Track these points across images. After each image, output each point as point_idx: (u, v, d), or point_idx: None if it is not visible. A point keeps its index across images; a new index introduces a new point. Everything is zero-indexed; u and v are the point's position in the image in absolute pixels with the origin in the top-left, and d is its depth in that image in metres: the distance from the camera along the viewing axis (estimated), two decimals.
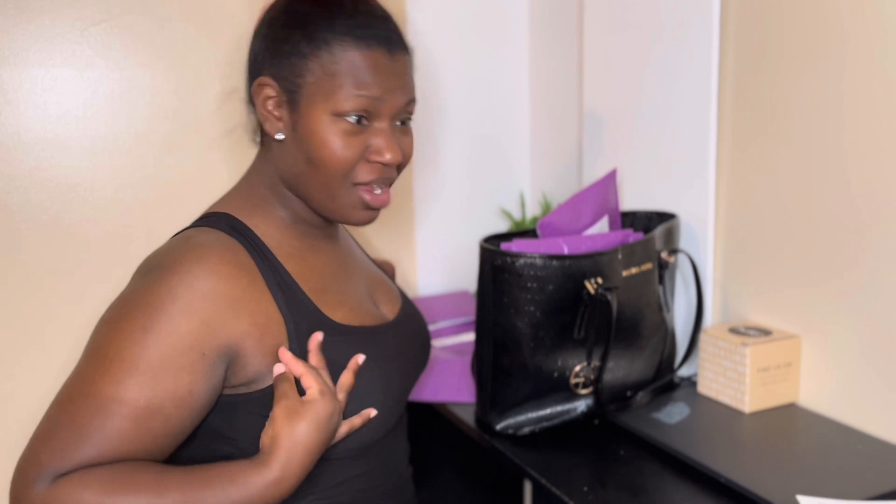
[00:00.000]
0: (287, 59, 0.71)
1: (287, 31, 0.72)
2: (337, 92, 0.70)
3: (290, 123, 0.72)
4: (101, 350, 0.65)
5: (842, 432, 0.90)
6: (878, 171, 0.86)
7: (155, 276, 0.68)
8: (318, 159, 0.71)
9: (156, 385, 0.63)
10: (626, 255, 0.94)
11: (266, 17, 0.75)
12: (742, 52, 1.02)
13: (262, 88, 0.73)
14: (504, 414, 0.93)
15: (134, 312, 0.65)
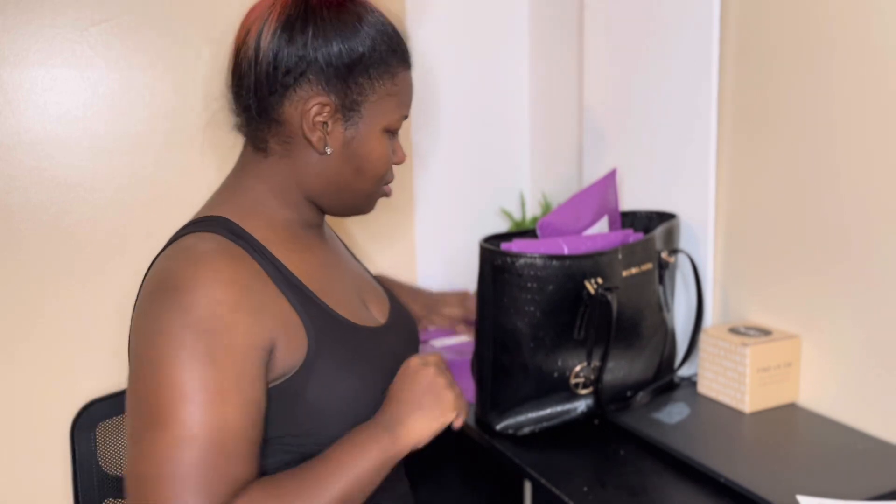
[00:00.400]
0: (349, 77, 0.72)
1: (346, 48, 0.71)
2: (393, 112, 0.76)
3: (341, 139, 0.74)
4: (179, 389, 0.63)
5: (842, 432, 0.90)
6: (878, 170, 0.86)
7: (179, 299, 0.66)
8: (369, 170, 0.76)
9: (244, 401, 0.65)
10: (627, 255, 0.94)
11: (291, 21, 0.71)
12: (742, 52, 1.02)
13: (316, 106, 0.72)
14: (504, 414, 0.93)
15: (187, 343, 0.64)
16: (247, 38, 0.73)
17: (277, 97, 0.72)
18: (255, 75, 0.72)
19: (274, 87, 0.72)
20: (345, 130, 0.74)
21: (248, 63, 0.72)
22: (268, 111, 0.73)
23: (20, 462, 1.13)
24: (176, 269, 0.69)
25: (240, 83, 0.74)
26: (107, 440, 1.04)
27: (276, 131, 0.74)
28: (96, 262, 1.16)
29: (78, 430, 1.01)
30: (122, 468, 1.04)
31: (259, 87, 0.72)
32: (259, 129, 0.75)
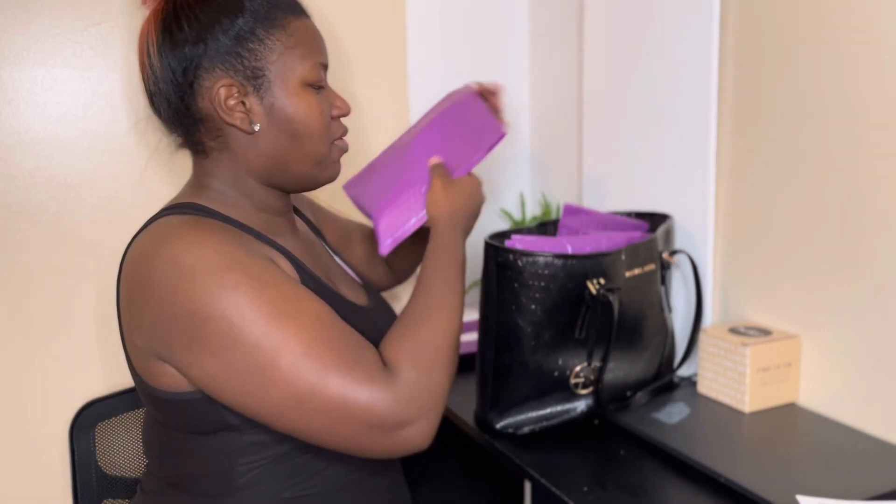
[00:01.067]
0: (239, 48, 0.72)
1: (223, 24, 0.71)
2: (301, 63, 0.74)
3: (262, 110, 0.73)
4: (260, 318, 0.65)
5: (842, 432, 0.90)
6: (879, 170, 0.86)
7: (191, 258, 0.66)
8: (304, 131, 0.75)
9: (312, 297, 0.70)
10: (630, 255, 0.94)
11: (167, 27, 0.72)
12: (742, 52, 1.02)
13: (222, 90, 0.72)
14: (504, 413, 0.93)
15: (228, 283, 0.65)
16: (143, 61, 0.74)
17: (189, 99, 0.73)
18: (160, 88, 0.73)
19: (180, 91, 0.73)
20: (261, 101, 0.73)
21: (153, 81, 0.74)
22: (187, 115, 0.74)
23: (19, 462, 1.13)
24: (166, 239, 0.69)
25: (154, 102, 0.75)
26: (106, 440, 1.04)
27: (205, 129, 0.75)
28: (96, 262, 1.16)
29: (77, 430, 1.01)
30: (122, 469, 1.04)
31: (169, 97, 0.73)
32: (190, 134, 0.76)
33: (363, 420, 0.66)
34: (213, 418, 0.71)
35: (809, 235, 0.95)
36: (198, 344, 0.65)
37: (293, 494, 0.74)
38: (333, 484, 0.77)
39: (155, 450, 0.78)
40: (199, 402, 0.70)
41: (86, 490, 1.01)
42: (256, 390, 0.65)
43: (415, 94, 1.41)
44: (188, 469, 0.74)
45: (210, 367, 0.65)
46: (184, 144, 0.78)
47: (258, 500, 0.73)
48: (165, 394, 0.71)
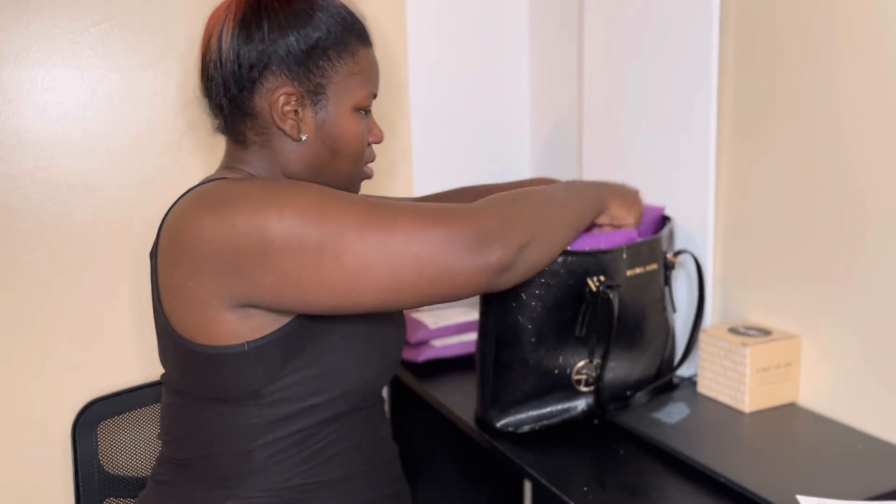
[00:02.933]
0: (309, 62, 0.75)
1: (301, 35, 0.75)
2: (359, 89, 0.79)
3: (313, 124, 0.77)
4: (354, 206, 0.69)
5: (842, 432, 0.90)
6: (878, 170, 0.86)
7: (229, 190, 0.70)
8: (344, 150, 0.80)
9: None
10: (632, 254, 0.94)
11: (246, 20, 0.75)
12: (742, 52, 1.02)
13: (282, 96, 0.75)
14: (505, 412, 0.93)
15: (299, 198, 0.68)
16: (210, 43, 0.77)
17: (247, 93, 0.76)
18: (222, 76, 0.76)
19: (241, 84, 0.75)
20: (315, 114, 0.77)
21: (214, 66, 0.76)
22: (240, 107, 0.77)
23: (22, 461, 1.14)
24: (208, 195, 0.72)
25: (210, 85, 0.78)
26: (108, 440, 1.04)
27: (252, 124, 0.78)
28: (96, 262, 1.16)
29: (79, 429, 1.02)
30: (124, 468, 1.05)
31: (228, 86, 0.76)
32: (235, 123, 0.78)
33: (441, 276, 0.69)
34: (247, 379, 0.73)
35: (809, 235, 0.95)
36: (267, 256, 0.67)
37: (302, 481, 0.76)
38: (341, 473, 0.79)
39: (174, 430, 0.80)
40: (239, 358, 0.72)
41: (88, 489, 1.01)
42: (328, 276, 0.67)
43: (415, 95, 1.42)
44: (206, 450, 0.76)
45: (284, 272, 0.67)
46: (224, 130, 0.80)
47: (268, 485, 0.75)
48: (208, 348, 0.72)
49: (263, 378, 0.73)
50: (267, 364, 0.73)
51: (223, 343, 0.71)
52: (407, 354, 1.23)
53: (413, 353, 1.23)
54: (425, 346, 1.24)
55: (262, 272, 0.68)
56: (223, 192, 0.70)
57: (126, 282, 1.18)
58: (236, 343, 0.71)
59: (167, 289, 0.74)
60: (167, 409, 0.81)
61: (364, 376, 0.79)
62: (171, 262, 0.72)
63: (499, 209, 0.74)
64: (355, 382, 0.78)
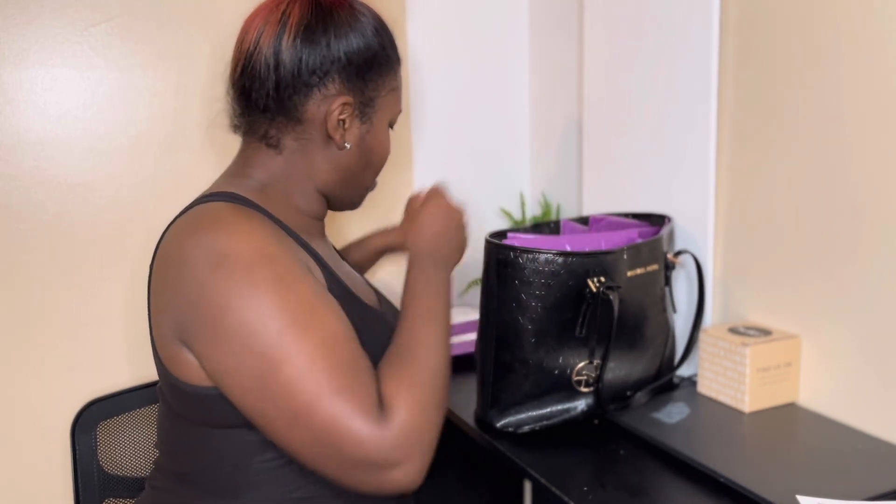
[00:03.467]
0: (366, 76, 0.76)
1: (364, 48, 0.75)
2: (396, 105, 0.82)
3: (357, 135, 0.78)
4: (277, 320, 0.65)
5: (842, 432, 0.90)
6: (878, 170, 0.86)
7: (225, 249, 0.66)
8: (376, 162, 0.82)
9: (334, 307, 0.70)
10: (632, 255, 0.94)
11: (309, 22, 0.73)
12: (742, 52, 1.02)
13: (340, 105, 0.75)
14: (505, 412, 0.93)
15: (258, 278, 0.66)
16: (260, 43, 0.74)
17: (300, 97, 0.75)
18: (276, 78, 0.74)
19: (298, 88, 0.74)
20: (360, 126, 0.78)
21: (267, 66, 0.74)
22: (287, 111, 0.75)
23: (21, 461, 1.14)
24: (207, 223, 0.69)
25: (253, 86, 0.75)
26: (107, 440, 1.04)
27: (294, 128, 0.76)
28: (96, 262, 1.16)
29: (78, 429, 1.02)
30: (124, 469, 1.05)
31: (281, 88, 0.74)
32: (272, 126, 0.77)
33: (350, 453, 0.65)
34: (231, 415, 0.71)
35: (809, 235, 0.95)
36: (213, 335, 0.66)
37: (302, 495, 0.74)
38: (342, 486, 0.76)
39: (170, 443, 0.78)
40: (219, 399, 0.70)
41: (87, 489, 1.01)
42: (255, 394, 0.65)
43: (415, 95, 1.42)
44: (203, 463, 0.75)
45: (221, 361, 0.66)
46: (250, 131, 0.78)
47: (268, 498, 0.73)
48: (187, 386, 0.71)
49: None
50: None
51: (198, 383, 0.70)
52: None
53: None
54: None
55: (203, 349, 0.67)
56: (222, 237, 0.67)
57: (126, 282, 1.18)
58: (211, 384, 0.70)
59: (153, 312, 0.73)
60: (162, 420, 0.80)
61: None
62: (158, 287, 0.72)
63: (416, 425, 0.67)
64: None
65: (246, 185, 0.78)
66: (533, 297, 0.89)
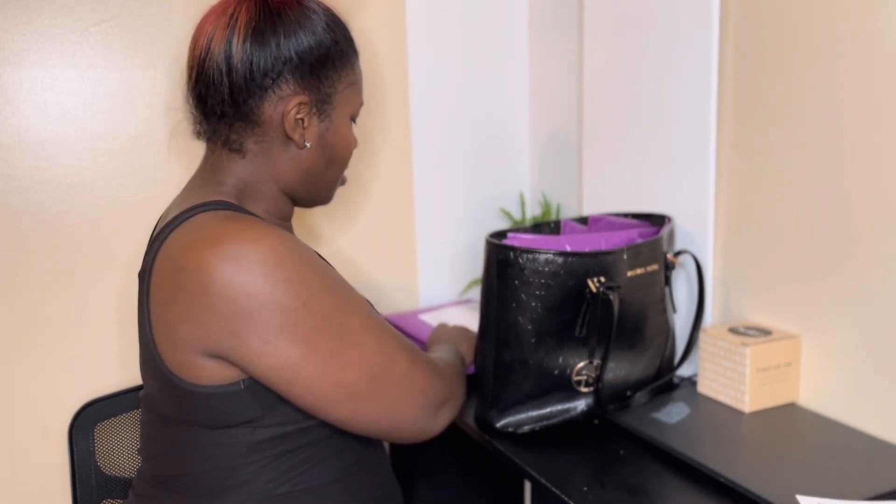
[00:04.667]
0: (321, 73, 0.76)
1: (315, 46, 0.75)
2: (355, 99, 0.81)
3: (316, 132, 0.78)
4: (328, 296, 0.70)
5: (842, 432, 0.90)
6: (879, 170, 0.86)
7: (255, 253, 0.67)
8: (339, 158, 0.83)
9: (365, 303, 0.76)
10: (632, 255, 0.94)
11: (259, 25, 0.73)
12: (742, 52, 1.02)
13: (297, 105, 0.75)
14: (505, 412, 0.93)
15: (294, 270, 0.68)
16: (211, 48, 0.73)
17: (256, 100, 0.74)
18: (229, 83, 0.73)
19: (252, 91, 0.74)
20: (319, 123, 0.78)
21: (220, 72, 0.73)
22: (244, 114, 0.75)
23: (19, 462, 1.13)
24: (219, 235, 0.68)
25: (208, 92, 0.74)
26: (105, 440, 1.04)
27: (253, 131, 0.76)
28: (96, 262, 1.16)
29: (76, 430, 1.01)
30: (121, 469, 1.04)
31: (235, 93, 0.73)
32: (233, 131, 0.76)
33: (426, 394, 0.76)
34: (236, 412, 0.71)
35: (809, 235, 0.95)
36: (275, 333, 0.67)
37: (287, 490, 0.75)
38: (325, 479, 0.78)
39: (157, 448, 0.78)
40: (229, 396, 0.70)
41: (85, 490, 1.01)
42: (334, 371, 0.69)
43: (415, 95, 1.42)
44: (191, 467, 0.74)
45: (289, 354, 0.67)
46: (212, 137, 0.78)
47: (253, 496, 0.74)
48: (200, 388, 0.70)
49: (258, 409, 0.72)
50: (263, 398, 0.71)
51: (217, 383, 0.70)
52: None
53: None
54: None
55: (261, 349, 0.67)
56: (239, 240, 0.67)
57: (126, 282, 1.18)
58: (231, 382, 0.70)
59: (159, 322, 0.70)
60: (147, 427, 0.79)
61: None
62: (168, 297, 0.69)
63: (450, 373, 0.85)
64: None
65: (225, 192, 0.77)
66: (533, 297, 0.89)
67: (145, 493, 0.79)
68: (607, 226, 1.08)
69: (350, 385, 0.70)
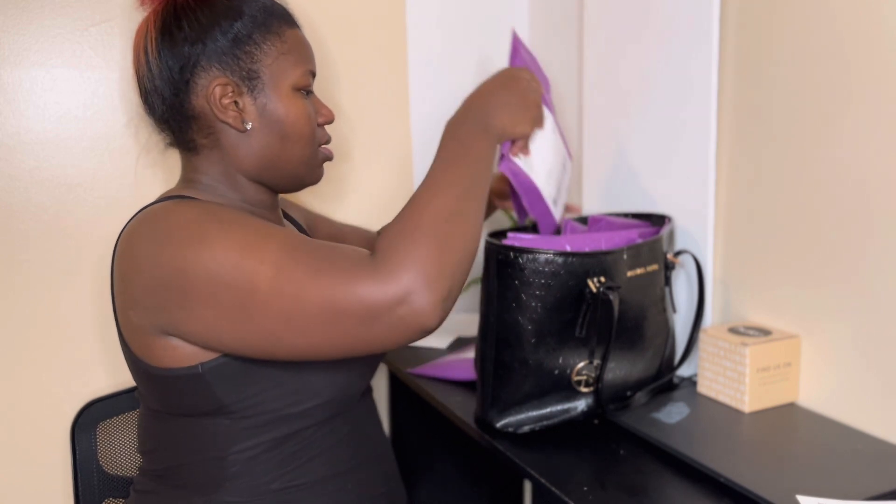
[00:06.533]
0: (237, 50, 0.75)
1: (223, 26, 0.74)
2: (293, 69, 0.78)
3: (255, 111, 0.76)
4: (230, 251, 0.65)
5: (842, 432, 0.90)
6: (878, 170, 0.86)
7: (175, 219, 0.68)
8: (293, 133, 0.78)
9: (285, 229, 0.69)
10: (632, 255, 0.94)
11: (167, 27, 0.75)
12: (742, 52, 1.02)
13: (217, 88, 0.75)
14: (504, 412, 0.93)
15: (198, 232, 0.66)
16: (139, 59, 0.77)
17: (183, 96, 0.75)
18: (156, 86, 0.76)
19: (176, 88, 0.75)
20: (255, 101, 0.77)
21: (148, 79, 0.76)
22: (181, 112, 0.76)
23: (21, 461, 1.14)
24: (150, 216, 0.71)
25: (148, 100, 0.78)
26: (107, 440, 1.04)
27: (197, 127, 0.77)
28: (96, 262, 1.16)
29: (78, 429, 1.02)
30: (123, 469, 1.04)
31: (164, 94, 0.76)
32: (182, 132, 0.78)
33: (353, 312, 0.62)
34: (208, 398, 0.72)
35: (809, 235, 0.95)
36: (186, 297, 0.66)
37: (282, 485, 0.75)
38: (323, 474, 0.78)
39: (150, 442, 0.79)
40: (195, 380, 0.71)
41: (87, 489, 1.01)
42: (247, 323, 0.65)
43: (415, 93, 1.42)
44: (181, 458, 0.76)
45: (203, 317, 0.66)
46: (174, 143, 0.81)
47: (248, 490, 0.75)
48: (163, 371, 0.72)
49: (225, 396, 0.72)
50: (226, 383, 0.72)
51: (176, 365, 0.71)
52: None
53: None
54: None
55: (183, 315, 0.67)
56: (163, 220, 0.69)
57: None
58: (190, 365, 0.71)
59: (121, 311, 0.74)
60: (141, 421, 0.81)
61: (337, 386, 0.78)
62: (118, 288, 0.73)
63: (402, 255, 0.64)
64: (329, 394, 0.77)
65: (195, 188, 0.79)
66: (533, 297, 0.89)
67: (145, 488, 0.80)
68: (607, 226, 1.08)
69: (268, 330, 0.64)
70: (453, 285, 0.65)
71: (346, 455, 0.80)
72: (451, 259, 0.65)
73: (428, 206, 0.67)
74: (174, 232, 0.67)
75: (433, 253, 0.64)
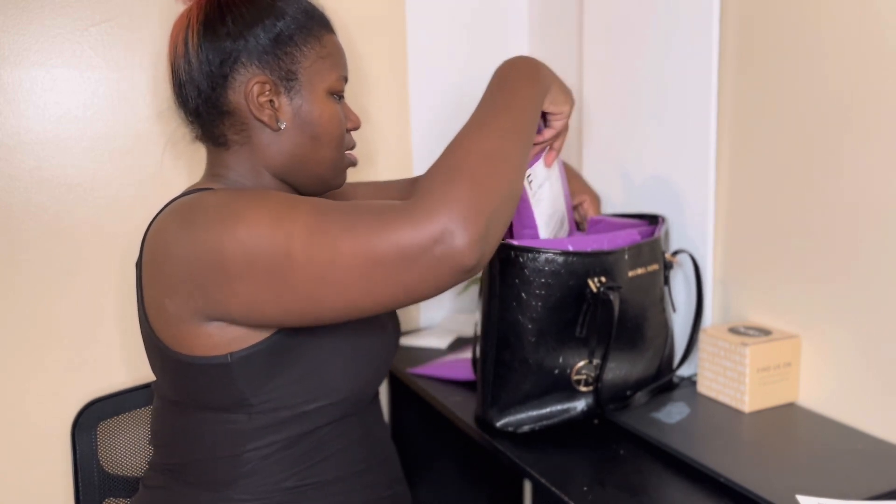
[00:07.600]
0: (278, 50, 0.76)
1: (266, 24, 0.75)
2: (329, 73, 0.79)
3: (290, 111, 0.77)
4: (262, 226, 0.65)
5: (842, 432, 0.90)
6: (879, 170, 0.86)
7: (196, 205, 0.69)
8: (324, 136, 0.79)
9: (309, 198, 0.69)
10: (633, 255, 0.94)
11: (210, 20, 0.75)
12: (742, 52, 1.02)
13: (256, 86, 0.75)
14: (504, 412, 0.93)
15: (229, 211, 0.67)
16: (177, 50, 0.77)
17: (220, 90, 0.76)
18: (192, 77, 0.76)
19: (214, 82, 0.76)
20: (291, 101, 0.77)
21: (185, 70, 0.76)
22: (216, 106, 0.77)
23: (21, 461, 1.14)
24: (182, 208, 0.71)
25: (182, 92, 0.78)
26: (107, 440, 1.04)
27: (230, 122, 0.78)
28: (96, 262, 1.16)
29: (79, 429, 1.02)
30: (124, 468, 1.04)
31: (200, 87, 0.76)
32: (214, 126, 0.78)
33: (388, 258, 0.61)
34: (231, 390, 0.73)
35: (809, 235, 0.95)
36: (226, 275, 0.66)
37: (294, 484, 0.76)
38: (334, 475, 0.79)
39: (164, 435, 0.80)
40: (222, 370, 0.72)
41: (87, 489, 1.02)
42: (287, 291, 0.64)
43: (415, 93, 1.42)
44: (196, 455, 0.76)
45: (244, 292, 0.66)
46: (203, 136, 0.81)
47: (260, 488, 0.75)
48: (193, 359, 0.72)
49: (248, 388, 0.73)
50: (251, 375, 0.73)
51: (206, 354, 0.72)
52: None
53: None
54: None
55: (224, 293, 0.67)
56: (193, 207, 0.70)
57: (126, 281, 1.18)
58: (219, 354, 0.71)
59: (150, 302, 0.74)
60: (157, 414, 0.82)
61: (353, 385, 0.79)
62: (150, 278, 0.73)
63: (438, 195, 0.61)
64: (345, 392, 0.78)
65: (222, 183, 0.80)
66: (533, 296, 0.89)
67: (154, 482, 0.80)
68: (607, 227, 1.09)
69: (308, 294, 0.64)
70: (492, 225, 0.62)
71: (357, 457, 0.81)
72: (489, 198, 0.62)
73: (468, 145, 0.66)
74: (206, 215, 0.68)
75: (471, 191, 0.61)
